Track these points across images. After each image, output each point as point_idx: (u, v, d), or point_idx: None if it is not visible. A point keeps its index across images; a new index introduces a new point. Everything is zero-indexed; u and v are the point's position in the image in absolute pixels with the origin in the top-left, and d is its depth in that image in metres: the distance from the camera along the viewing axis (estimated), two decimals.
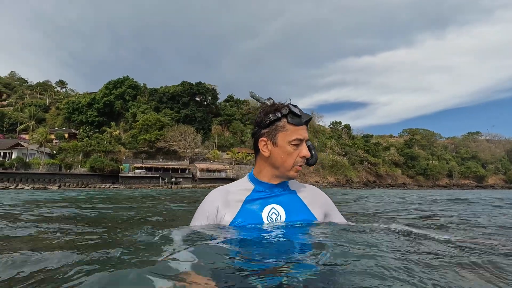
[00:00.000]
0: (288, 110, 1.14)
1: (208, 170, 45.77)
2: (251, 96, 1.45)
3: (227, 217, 1.16)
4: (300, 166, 1.17)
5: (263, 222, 1.14)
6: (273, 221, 1.15)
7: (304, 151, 1.14)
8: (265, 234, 1.05)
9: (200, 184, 42.20)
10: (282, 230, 1.09)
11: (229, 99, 69.65)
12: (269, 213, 1.17)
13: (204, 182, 43.31)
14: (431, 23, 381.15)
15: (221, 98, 67.16)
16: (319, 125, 78.01)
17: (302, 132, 1.13)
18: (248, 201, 1.20)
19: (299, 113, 1.13)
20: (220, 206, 1.20)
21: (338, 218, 1.29)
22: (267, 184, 1.21)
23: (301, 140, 1.14)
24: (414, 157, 73.62)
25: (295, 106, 1.17)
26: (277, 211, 1.17)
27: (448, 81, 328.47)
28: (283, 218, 1.16)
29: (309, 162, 1.21)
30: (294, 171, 1.17)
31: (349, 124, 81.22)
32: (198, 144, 49.79)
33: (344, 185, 56.36)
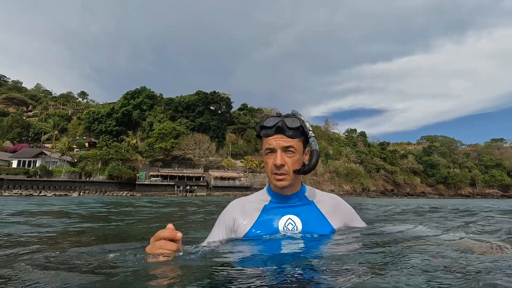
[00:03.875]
0: (261, 126, 1.19)
1: (222, 178, 46.00)
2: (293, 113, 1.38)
3: (244, 227, 1.19)
4: (276, 174, 1.15)
5: (279, 233, 1.14)
6: (289, 231, 1.15)
7: (275, 159, 1.13)
8: (278, 246, 1.04)
9: (215, 192, 42.43)
10: (296, 241, 1.08)
11: (243, 107, 70.25)
12: (285, 223, 1.17)
13: (218, 190, 43.52)
14: (449, 27, 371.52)
15: (235, 106, 67.91)
16: (333, 132, 77.19)
17: (272, 141, 1.15)
18: (264, 211, 1.22)
19: (267, 125, 1.16)
20: (237, 216, 1.23)
21: (359, 226, 1.30)
22: (280, 195, 1.23)
23: (271, 149, 1.16)
24: (433, 165, 71.19)
25: (279, 116, 1.18)
26: (294, 222, 1.17)
27: (469, 86, 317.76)
28: (300, 229, 1.16)
29: (299, 170, 1.17)
30: (274, 180, 1.17)
31: (364, 132, 79.88)
32: (213, 152, 50.31)
33: (360, 193, 55.11)
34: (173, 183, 42.45)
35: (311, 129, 1.22)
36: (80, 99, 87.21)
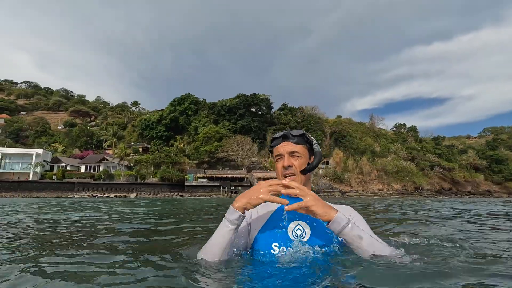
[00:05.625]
0: (271, 139, 1.44)
1: (265, 179, 46.36)
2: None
3: (256, 226, 1.33)
4: (285, 175, 1.31)
5: (288, 236, 1.23)
6: (297, 237, 1.23)
7: (284, 162, 1.31)
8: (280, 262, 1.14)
9: None
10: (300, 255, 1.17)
11: (283, 107, 70.22)
12: (294, 229, 1.25)
13: None
14: None
15: (275, 107, 68.16)
16: (379, 128, 73.01)
17: (280, 148, 1.35)
18: (276, 214, 1.32)
19: (276, 136, 1.40)
20: (253, 215, 1.38)
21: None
22: (292, 198, 1.25)
23: (280, 155, 1.35)
24: (500, 160, 63.30)
25: (285, 130, 1.41)
26: (302, 227, 1.25)
27: None
28: (308, 234, 1.23)
29: (305, 169, 1.31)
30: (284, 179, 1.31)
31: (415, 126, 74.23)
32: (255, 153, 51.20)
33: (412, 193, 51.36)
34: (218, 184, 44.17)
35: (314, 139, 1.40)
36: (133, 108, 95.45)
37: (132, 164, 48.61)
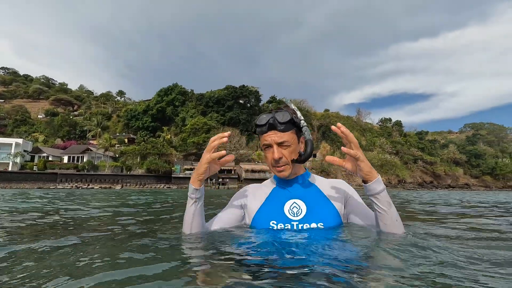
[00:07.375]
0: (255, 125, 1.28)
1: (253, 171, 46.72)
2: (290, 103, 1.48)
3: (253, 207, 1.35)
4: (277, 166, 1.25)
5: (284, 214, 1.26)
6: (294, 214, 1.25)
7: (273, 154, 1.23)
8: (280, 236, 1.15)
9: (246, 185, 43.28)
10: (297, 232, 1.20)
11: (272, 100, 70.07)
12: (290, 207, 1.27)
13: (249, 182, 43.72)
14: None
15: (264, 99, 67.95)
16: (366, 122, 74.34)
17: (267, 137, 1.24)
18: (272, 195, 1.35)
19: (260, 123, 1.25)
20: (249, 198, 1.39)
21: (356, 204, 1.32)
22: (284, 180, 1.33)
23: (267, 145, 1.25)
24: (479, 155, 65.97)
25: (271, 112, 1.27)
26: (298, 205, 1.27)
27: None
28: (304, 211, 1.25)
29: (297, 160, 1.25)
30: (275, 171, 1.28)
31: (400, 121, 75.99)
32: (243, 145, 51.16)
33: (396, 185, 52.95)
34: None
35: (302, 118, 1.30)
36: (118, 98, 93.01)
37: (117, 155, 47.59)
